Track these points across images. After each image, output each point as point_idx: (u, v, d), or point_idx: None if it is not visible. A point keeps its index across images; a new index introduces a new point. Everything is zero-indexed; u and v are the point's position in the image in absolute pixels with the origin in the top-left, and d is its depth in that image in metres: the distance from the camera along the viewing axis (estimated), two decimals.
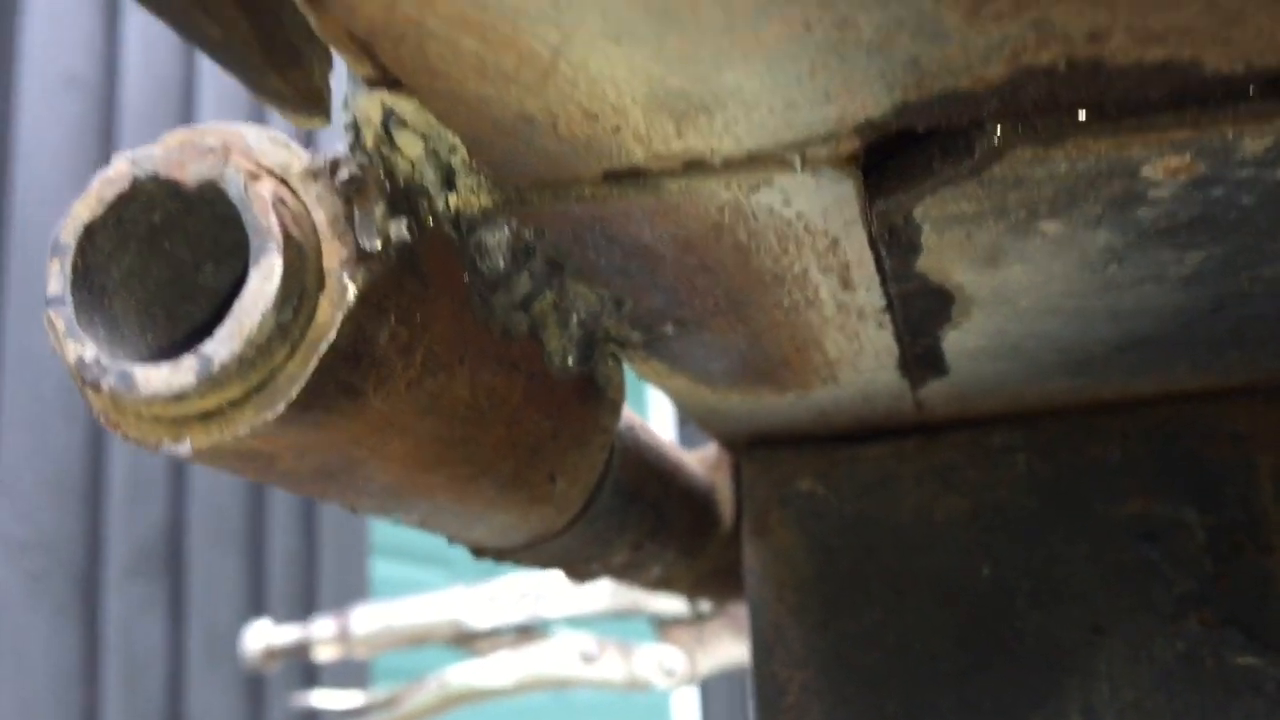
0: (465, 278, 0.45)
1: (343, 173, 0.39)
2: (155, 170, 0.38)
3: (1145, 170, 0.41)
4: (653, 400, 3.96)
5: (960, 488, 0.82)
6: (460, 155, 0.43)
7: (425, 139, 0.42)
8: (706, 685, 4.03)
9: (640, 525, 0.72)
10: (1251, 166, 0.41)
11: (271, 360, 0.37)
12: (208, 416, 0.38)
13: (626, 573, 0.83)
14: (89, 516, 2.76)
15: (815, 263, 0.49)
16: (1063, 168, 0.41)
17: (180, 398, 0.37)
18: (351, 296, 0.38)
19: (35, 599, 2.62)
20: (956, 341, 0.61)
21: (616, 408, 0.60)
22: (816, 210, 0.44)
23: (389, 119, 0.41)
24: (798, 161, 0.40)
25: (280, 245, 0.37)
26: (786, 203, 0.43)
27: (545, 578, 1.66)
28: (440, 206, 0.44)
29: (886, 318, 0.56)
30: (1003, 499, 0.81)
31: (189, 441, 0.38)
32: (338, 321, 0.38)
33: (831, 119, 0.38)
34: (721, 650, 1.72)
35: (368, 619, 1.72)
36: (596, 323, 0.54)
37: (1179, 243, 0.48)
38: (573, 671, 1.69)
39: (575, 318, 0.53)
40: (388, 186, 0.41)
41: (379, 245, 0.39)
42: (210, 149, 0.38)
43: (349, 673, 2.84)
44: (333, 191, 0.39)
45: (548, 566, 0.71)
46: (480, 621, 1.69)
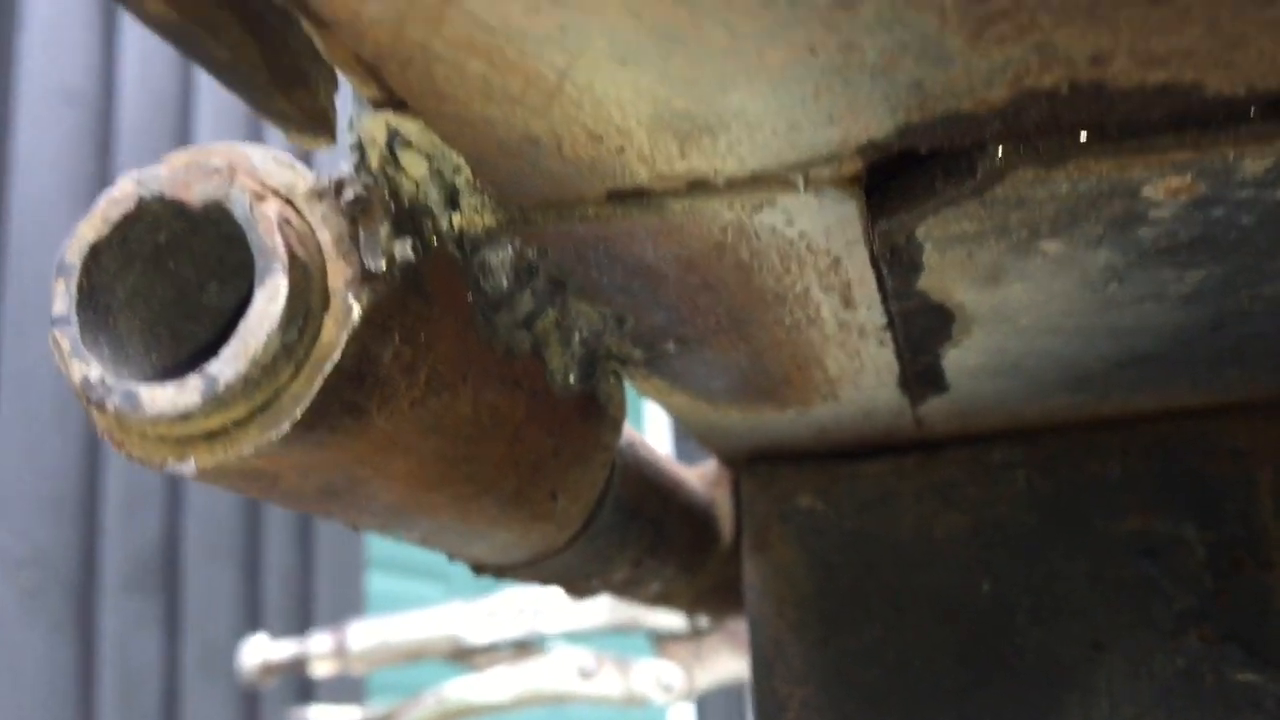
0: (469, 297, 0.45)
1: (348, 193, 0.39)
2: (161, 190, 0.38)
3: (1146, 190, 0.42)
4: (649, 416, 3.95)
5: (960, 504, 0.82)
6: (464, 175, 0.43)
7: (430, 159, 0.42)
8: (704, 701, 4.02)
9: (640, 542, 0.72)
10: (1252, 187, 0.42)
11: (276, 380, 0.38)
12: (212, 436, 0.38)
13: (626, 589, 0.83)
14: (84, 532, 2.75)
15: (817, 281, 0.49)
16: (1064, 188, 0.41)
17: (185, 417, 0.37)
18: (356, 316, 0.38)
19: (31, 615, 2.61)
20: (957, 359, 0.61)
21: (618, 425, 0.60)
22: (819, 230, 0.44)
23: (394, 140, 0.41)
24: (801, 182, 0.41)
25: (285, 265, 0.37)
26: (789, 222, 0.44)
27: (543, 593, 1.66)
28: (444, 226, 0.44)
29: (887, 335, 0.56)
30: (1003, 515, 0.81)
31: (193, 461, 0.38)
32: (342, 341, 0.38)
33: (835, 140, 0.38)
34: (719, 665, 1.72)
35: (364, 634, 1.72)
36: (598, 341, 0.55)
37: (1179, 262, 0.48)
38: (570, 687, 1.69)
39: (577, 336, 0.53)
40: (392, 207, 0.41)
41: (384, 265, 0.39)
42: (215, 169, 0.38)
43: (345, 688, 2.83)
44: (338, 212, 0.39)
45: (548, 583, 0.71)
46: (478, 637, 1.69)
